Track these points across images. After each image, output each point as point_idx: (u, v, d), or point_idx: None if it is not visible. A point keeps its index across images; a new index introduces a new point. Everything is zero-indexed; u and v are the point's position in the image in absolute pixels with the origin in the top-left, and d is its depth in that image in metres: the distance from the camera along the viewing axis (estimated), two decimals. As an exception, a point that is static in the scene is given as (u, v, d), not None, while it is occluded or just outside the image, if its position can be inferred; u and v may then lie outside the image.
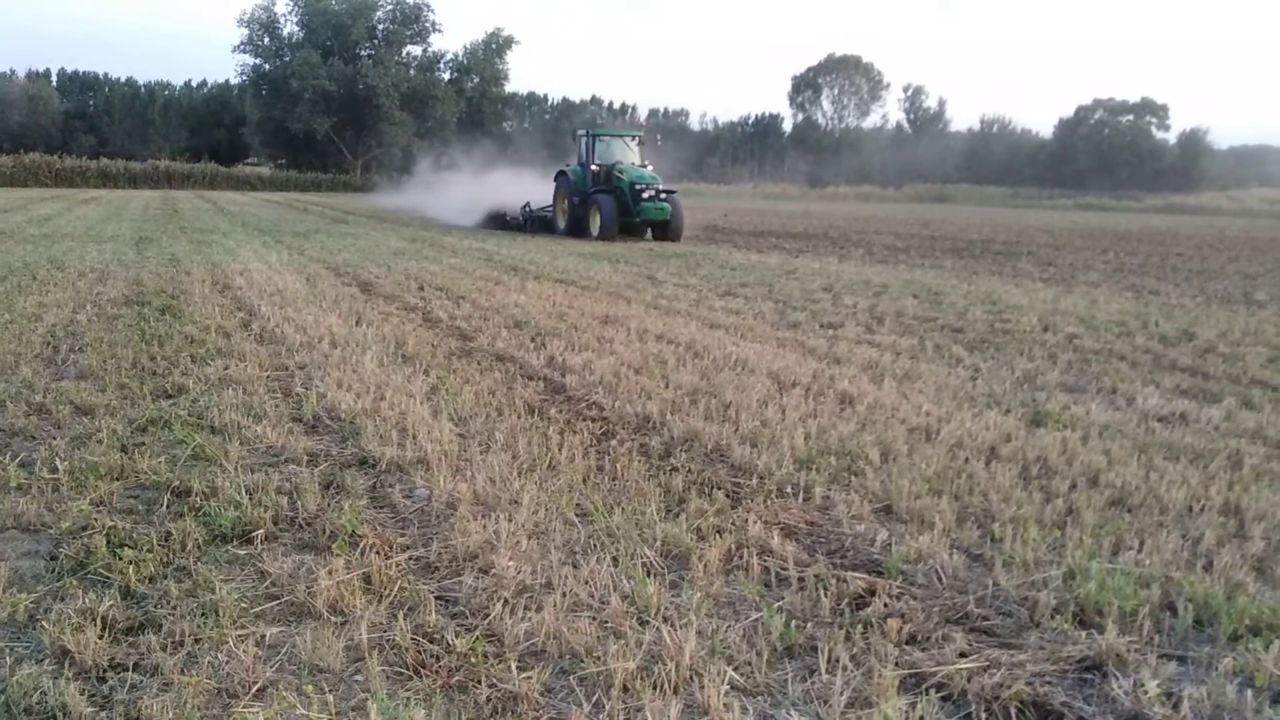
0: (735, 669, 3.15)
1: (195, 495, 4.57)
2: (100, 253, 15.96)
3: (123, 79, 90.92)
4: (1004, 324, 10.61)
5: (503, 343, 8.57)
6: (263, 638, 3.33)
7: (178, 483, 4.73)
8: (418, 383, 6.86)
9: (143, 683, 3.04)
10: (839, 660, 3.20)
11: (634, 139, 26.52)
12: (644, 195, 23.60)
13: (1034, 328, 10.37)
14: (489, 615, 3.48)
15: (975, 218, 44.87)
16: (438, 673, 3.12)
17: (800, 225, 33.72)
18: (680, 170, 22.78)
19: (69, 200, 39.19)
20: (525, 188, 29.02)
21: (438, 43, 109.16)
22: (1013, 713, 2.99)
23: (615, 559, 3.97)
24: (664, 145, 25.13)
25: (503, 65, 77.88)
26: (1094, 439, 5.80)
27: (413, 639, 3.30)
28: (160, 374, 7.07)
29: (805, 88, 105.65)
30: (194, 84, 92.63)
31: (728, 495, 4.75)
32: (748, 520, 4.38)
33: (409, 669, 3.15)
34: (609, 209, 23.58)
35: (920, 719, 2.90)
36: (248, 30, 72.25)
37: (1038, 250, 23.52)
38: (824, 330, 9.92)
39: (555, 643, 3.30)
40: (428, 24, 74.75)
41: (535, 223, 27.08)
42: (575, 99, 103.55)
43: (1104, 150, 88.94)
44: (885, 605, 3.61)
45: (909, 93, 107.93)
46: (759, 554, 4.04)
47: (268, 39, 72.80)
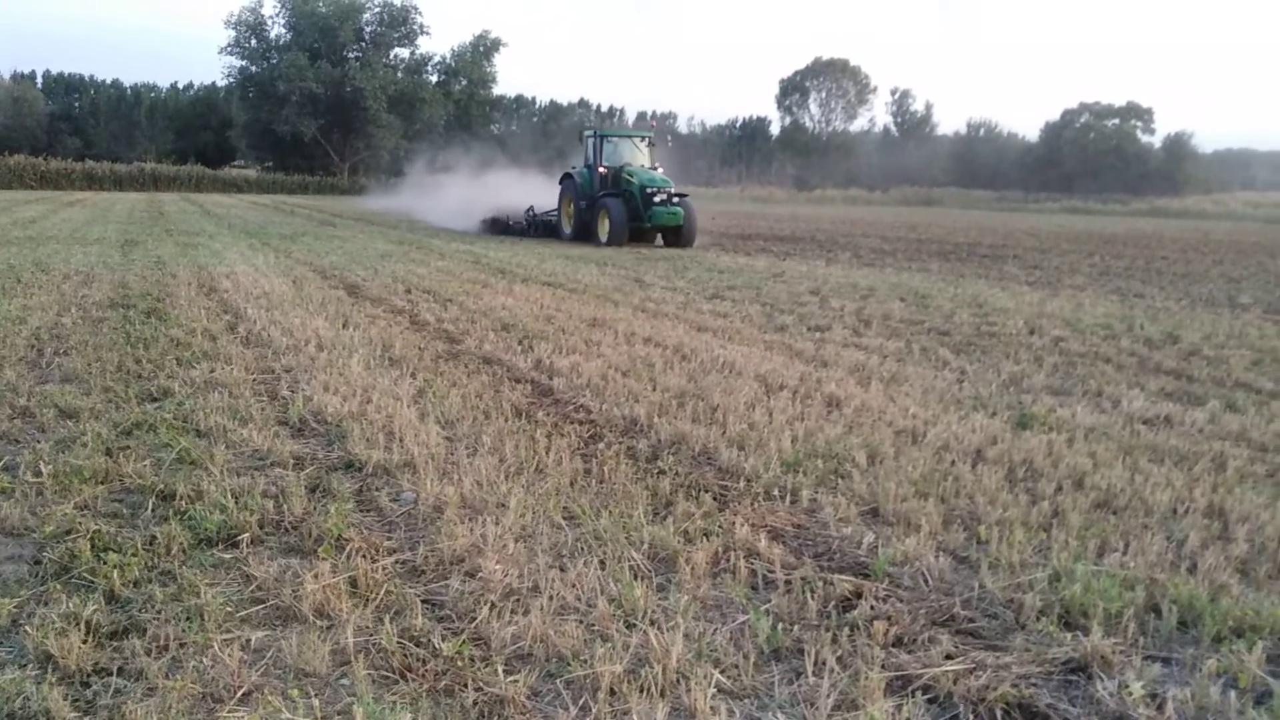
0: (722, 672, 3.15)
1: (180, 499, 4.55)
2: (85, 255, 15.89)
3: (108, 81, 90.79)
4: (990, 327, 10.64)
5: (490, 345, 8.56)
6: (248, 642, 3.32)
7: (163, 486, 4.71)
8: (405, 386, 6.84)
9: (127, 687, 3.03)
10: (826, 663, 3.21)
11: (644, 140, 25.28)
12: (655, 199, 22.55)
13: (1020, 331, 10.40)
14: (476, 618, 3.48)
15: (962, 221, 45.04)
16: (424, 676, 3.11)
17: (788, 228, 33.79)
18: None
19: (54, 203, 39.02)
20: (524, 191, 28.09)
21: (425, 45, 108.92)
22: (999, 714, 2.99)
23: (602, 562, 3.96)
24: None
25: (490, 68, 77.97)
26: (1079, 441, 5.82)
27: (399, 642, 3.29)
28: (145, 377, 7.04)
29: (792, 91, 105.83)
30: (180, 86, 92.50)
31: (715, 498, 4.76)
32: (735, 523, 4.38)
33: (395, 673, 3.14)
34: (618, 213, 22.50)
35: (906, 721, 2.91)
36: (234, 32, 72.20)
37: (1024, 253, 23.61)
38: (811, 333, 9.94)
39: (542, 646, 3.29)
40: (415, 26, 74.85)
41: (539, 228, 26.06)
42: (563, 101, 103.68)
43: (1090, 154, 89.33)
44: (872, 608, 3.62)
45: (896, 96, 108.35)
46: (746, 557, 4.05)
47: (255, 41, 72.69)
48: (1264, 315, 12.60)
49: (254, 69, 72.70)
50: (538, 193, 27.03)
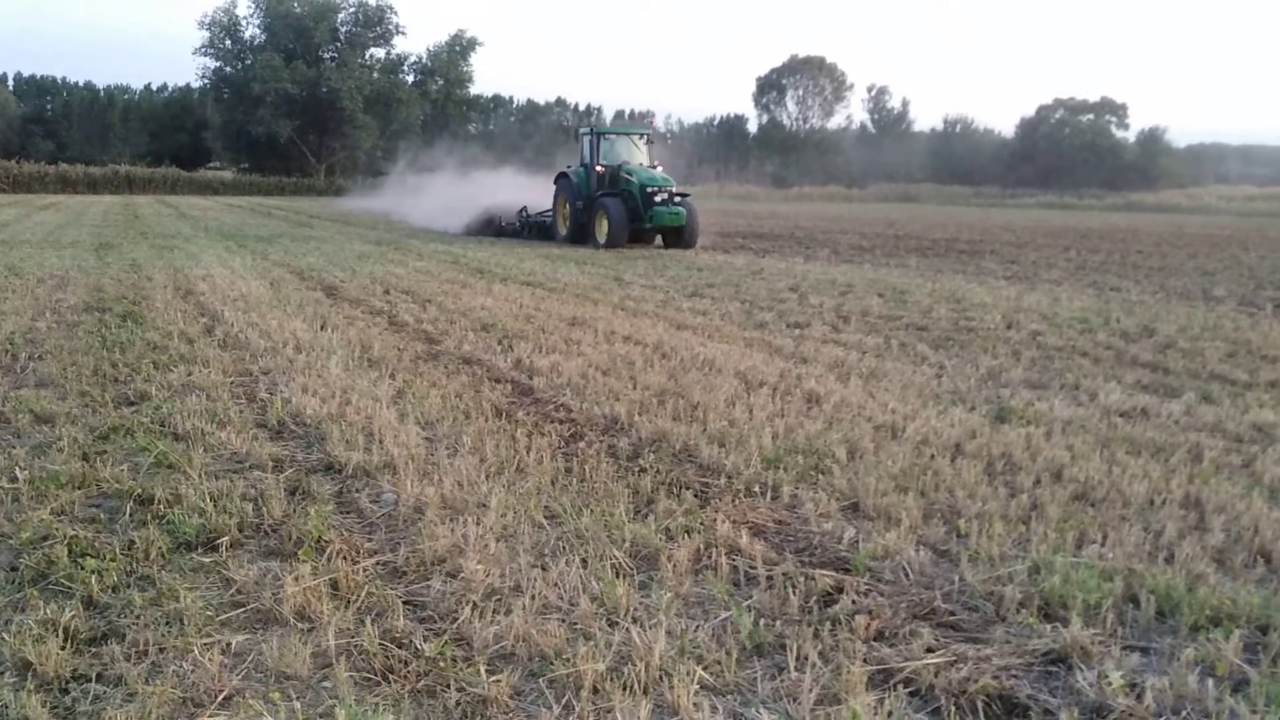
0: (705, 668, 3.16)
1: (158, 503, 4.52)
2: (60, 259, 15.76)
3: (81, 83, 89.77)
4: (968, 322, 10.70)
5: (470, 346, 8.54)
6: (228, 646, 3.30)
7: (140, 491, 4.67)
8: (384, 387, 6.82)
9: (106, 693, 3.00)
10: (808, 658, 3.22)
11: (642, 137, 24.23)
12: (656, 199, 21.54)
13: (998, 325, 10.46)
14: (457, 619, 3.47)
15: (939, 217, 45.24)
16: (406, 677, 3.10)
17: (766, 226, 33.84)
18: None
19: (27, 206, 38.65)
20: (513, 190, 27.24)
21: (401, 45, 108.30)
22: (980, 706, 3.01)
23: (584, 560, 3.96)
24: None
25: (467, 67, 77.64)
26: (1057, 434, 5.86)
27: (380, 644, 3.27)
28: (122, 381, 6.99)
29: (770, 89, 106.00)
30: (154, 87, 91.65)
31: (696, 495, 4.76)
32: (716, 520, 4.39)
33: (377, 674, 3.13)
34: (617, 214, 21.42)
35: (889, 715, 2.92)
36: (209, 33, 71.58)
37: (1001, 249, 23.74)
38: (791, 330, 9.96)
39: (524, 645, 3.29)
40: (391, 26, 74.40)
41: (533, 229, 25.13)
42: (541, 100, 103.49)
43: (1065, 149, 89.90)
44: (853, 602, 3.63)
45: (873, 93, 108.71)
46: (727, 553, 4.05)
47: (229, 42, 72.13)
48: (1238, 307, 12.71)
49: (228, 70, 72.18)
50: (528, 192, 26.25)
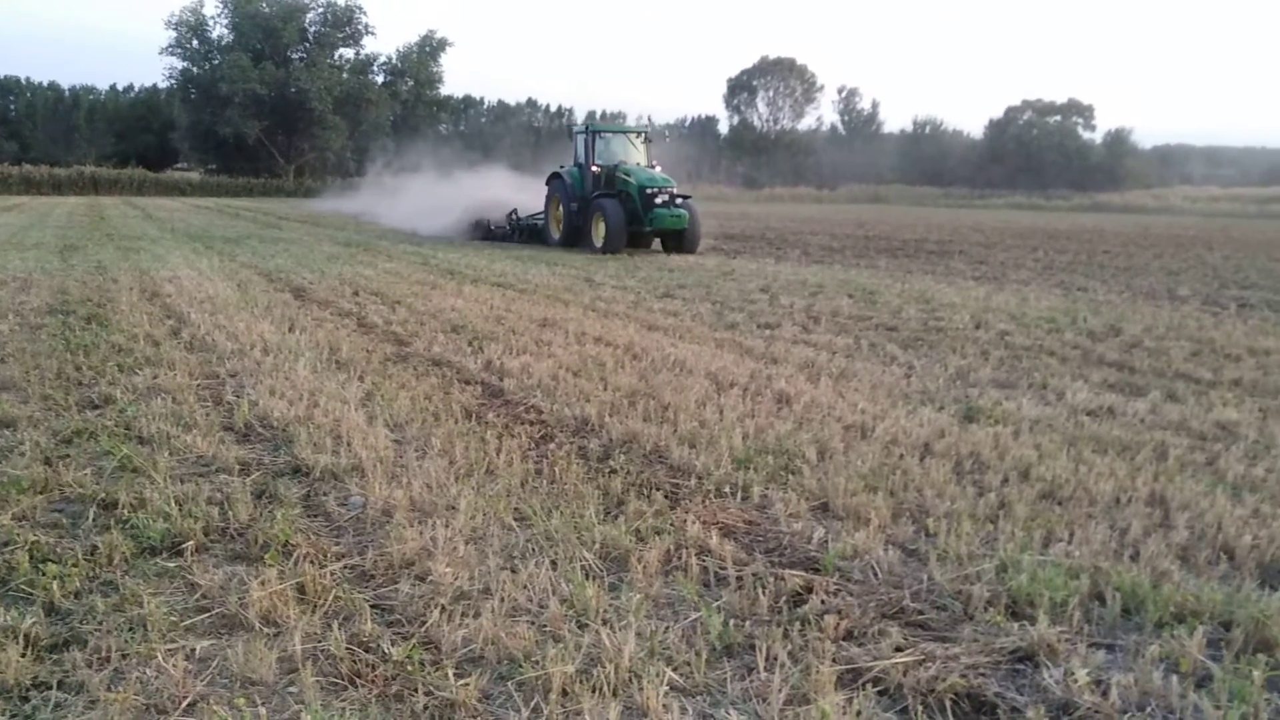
0: (674, 669, 3.15)
1: (122, 507, 4.46)
2: (23, 261, 15.54)
3: (45, 83, 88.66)
4: (937, 322, 10.76)
5: (439, 347, 8.50)
6: (193, 651, 3.26)
7: (104, 495, 4.62)
8: (352, 389, 6.77)
9: (67, 701, 2.96)
10: (777, 658, 3.22)
11: (640, 136, 23.05)
12: (657, 200, 20.43)
13: (966, 325, 10.53)
14: (426, 622, 3.44)
15: (909, 218, 45.51)
16: (373, 682, 3.08)
17: (737, 226, 33.90)
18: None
19: (-10, 207, 38.12)
20: (500, 191, 26.18)
21: (371, 45, 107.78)
22: (948, 705, 3.02)
23: (554, 562, 3.95)
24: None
25: (437, 67, 77.34)
26: (1025, 434, 5.90)
27: (348, 648, 3.25)
28: (86, 384, 6.91)
29: (740, 90, 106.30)
30: (120, 88, 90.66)
31: (666, 496, 4.76)
32: (686, 521, 4.38)
33: (344, 679, 3.11)
34: (615, 216, 20.28)
35: (858, 714, 2.93)
36: (175, 33, 70.89)
37: (970, 249, 23.90)
38: (761, 330, 9.99)
39: (493, 648, 3.27)
40: (360, 26, 73.97)
41: (524, 232, 24.05)
42: (511, 101, 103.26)
43: (1033, 150, 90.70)
44: (822, 602, 3.64)
45: (843, 95, 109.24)
46: (698, 554, 4.05)
47: (196, 41, 71.45)
48: (1202, 307, 12.86)
49: (196, 70, 71.49)
50: (517, 194, 25.34)
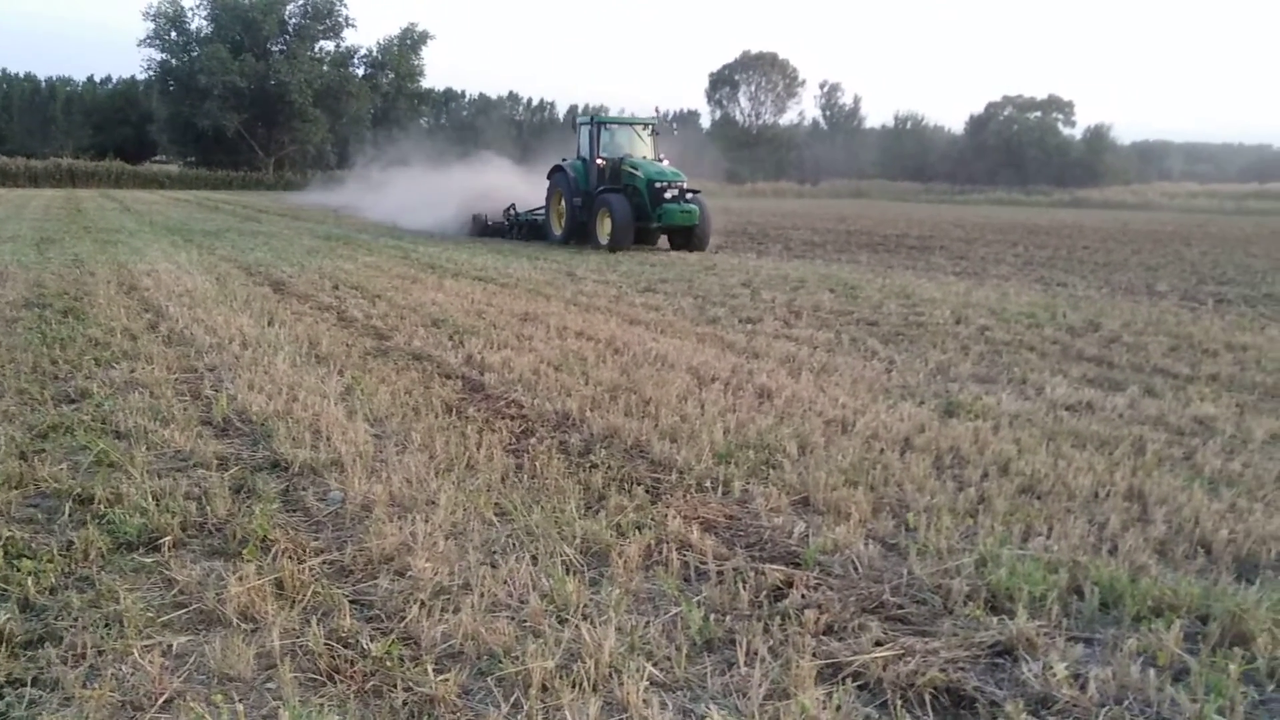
0: (655, 664, 3.15)
1: (99, 502, 4.43)
2: (-2, 253, 15.40)
3: (21, 74, 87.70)
4: (918, 317, 10.79)
5: (420, 341, 8.47)
6: (170, 647, 3.24)
7: (80, 490, 4.58)
8: (332, 383, 6.74)
9: (42, 698, 2.94)
10: (757, 652, 3.22)
11: (646, 128, 22.17)
12: (666, 195, 19.63)
13: (947, 320, 10.56)
14: (405, 618, 3.43)
15: (890, 213, 45.61)
16: (352, 678, 3.06)
17: (719, 221, 33.67)
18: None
19: (-35, 199, 37.73)
20: (497, 184, 25.21)
21: (351, 38, 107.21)
22: (927, 699, 3.03)
23: (534, 557, 3.94)
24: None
25: (418, 61, 76.91)
26: (1005, 428, 5.93)
27: (326, 644, 3.23)
28: (62, 378, 6.85)
29: (722, 84, 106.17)
30: (98, 79, 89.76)
31: (647, 491, 4.75)
32: (667, 515, 4.38)
33: (322, 675, 3.09)
34: (622, 211, 19.51)
35: (837, 708, 2.93)
36: (153, 24, 70.15)
37: (950, 244, 23.98)
38: (743, 325, 9.99)
39: (473, 644, 3.26)
40: (340, 19, 73.39)
41: (524, 228, 23.03)
42: (493, 95, 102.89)
43: (1013, 146, 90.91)
44: (803, 596, 3.64)
45: (825, 90, 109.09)
46: (678, 549, 4.05)
47: (174, 33, 70.72)
48: (1180, 302, 12.94)
49: (174, 62, 70.82)
50: (515, 187, 24.46)
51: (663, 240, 21.07)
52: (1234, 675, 3.08)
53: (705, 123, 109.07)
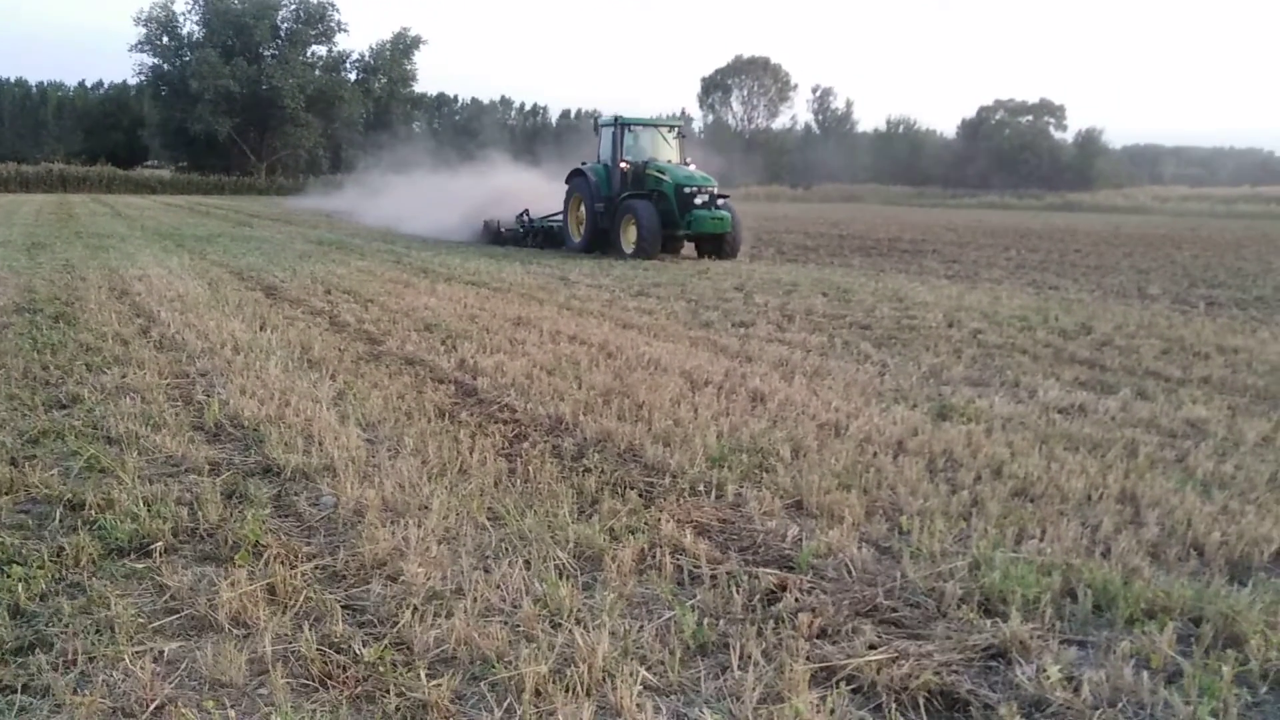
0: (648, 669, 3.14)
1: (90, 508, 4.41)
2: (-11, 259, 15.35)
3: (13, 79, 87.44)
4: (910, 320, 10.80)
5: (412, 346, 8.45)
6: (161, 654, 3.22)
7: (71, 495, 4.56)
8: (324, 388, 6.72)
9: (32, 705, 2.92)
10: (751, 656, 3.21)
11: (672, 130, 21.11)
12: (695, 201, 18.62)
13: (939, 324, 10.57)
14: (398, 623, 3.42)
15: (882, 217, 45.70)
16: (345, 683, 3.05)
17: (712, 225, 33.82)
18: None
19: (-44, 205, 37.61)
20: (508, 189, 24.36)
21: (344, 42, 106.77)
22: (921, 702, 3.03)
23: (527, 562, 3.93)
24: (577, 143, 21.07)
25: (410, 65, 76.89)
26: (997, 431, 5.93)
27: (319, 650, 3.22)
28: (53, 384, 6.82)
29: (714, 89, 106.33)
30: (89, 84, 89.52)
31: (640, 495, 4.75)
32: (660, 519, 4.37)
33: (315, 680, 3.08)
34: (649, 218, 18.48)
35: (831, 712, 2.93)
36: (145, 29, 70.07)
37: (943, 248, 24.03)
38: (736, 329, 10.00)
39: (466, 649, 3.25)
40: (333, 23, 73.38)
41: (538, 235, 22.07)
42: (485, 99, 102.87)
43: (1005, 150, 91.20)
44: (796, 600, 3.64)
45: (817, 94, 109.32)
46: (672, 553, 4.04)
47: (166, 38, 70.65)
48: (1172, 305, 12.98)
49: (166, 67, 70.73)
50: (527, 192, 23.42)
51: (688, 248, 20.10)
52: (1227, 677, 3.08)
53: (697, 127, 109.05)
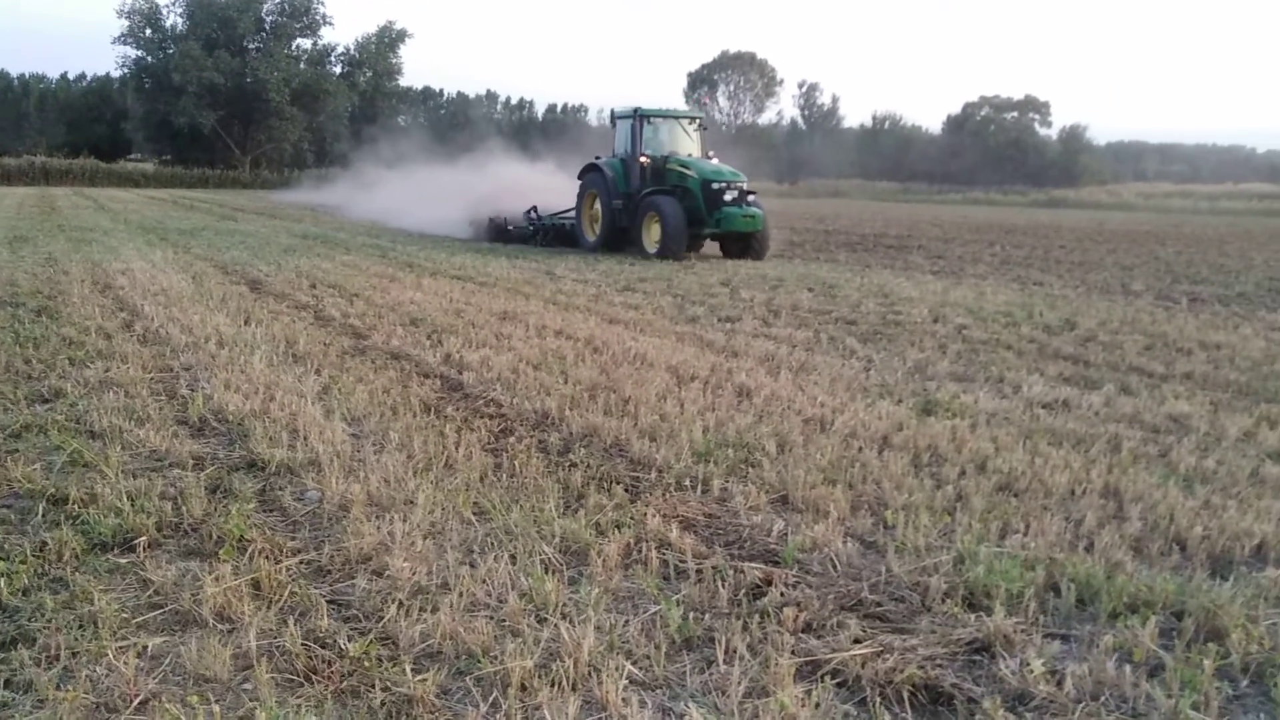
0: (634, 663, 3.15)
1: (73, 503, 4.39)
2: (-29, 252, 15.24)
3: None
4: (896, 316, 10.83)
5: (398, 340, 8.43)
6: (145, 649, 3.21)
7: (54, 490, 4.53)
8: (309, 383, 6.70)
9: (15, 700, 2.91)
10: (736, 651, 3.22)
11: (693, 123, 19.97)
12: (725, 197, 17.53)
13: (924, 319, 10.60)
14: (383, 618, 3.41)
15: (868, 212, 45.76)
16: (329, 678, 3.04)
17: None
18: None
19: (-63, 197, 37.32)
20: (512, 184, 23.53)
21: (329, 35, 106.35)
22: (905, 696, 3.04)
23: (513, 557, 3.93)
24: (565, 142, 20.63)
25: (396, 59, 76.60)
26: (982, 426, 5.95)
27: (303, 645, 3.21)
28: (36, 378, 6.78)
29: (701, 83, 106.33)
30: (72, 76, 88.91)
31: (627, 490, 4.75)
32: (646, 514, 4.38)
33: (299, 675, 3.07)
34: (674, 216, 17.30)
35: (816, 706, 2.93)
36: (128, 21, 69.60)
37: (928, 244, 24.08)
38: (722, 324, 10.00)
39: (451, 643, 3.25)
40: (318, 16, 73.01)
41: (548, 233, 20.98)
42: (470, 93, 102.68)
43: (990, 146, 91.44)
44: (782, 594, 3.65)
45: (803, 89, 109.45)
46: (658, 547, 4.05)
47: (149, 30, 70.18)
48: (1155, 301, 13.05)
49: (149, 59, 70.27)
50: (533, 188, 22.57)
51: (710, 246, 18.99)
52: (1209, 670, 3.10)
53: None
